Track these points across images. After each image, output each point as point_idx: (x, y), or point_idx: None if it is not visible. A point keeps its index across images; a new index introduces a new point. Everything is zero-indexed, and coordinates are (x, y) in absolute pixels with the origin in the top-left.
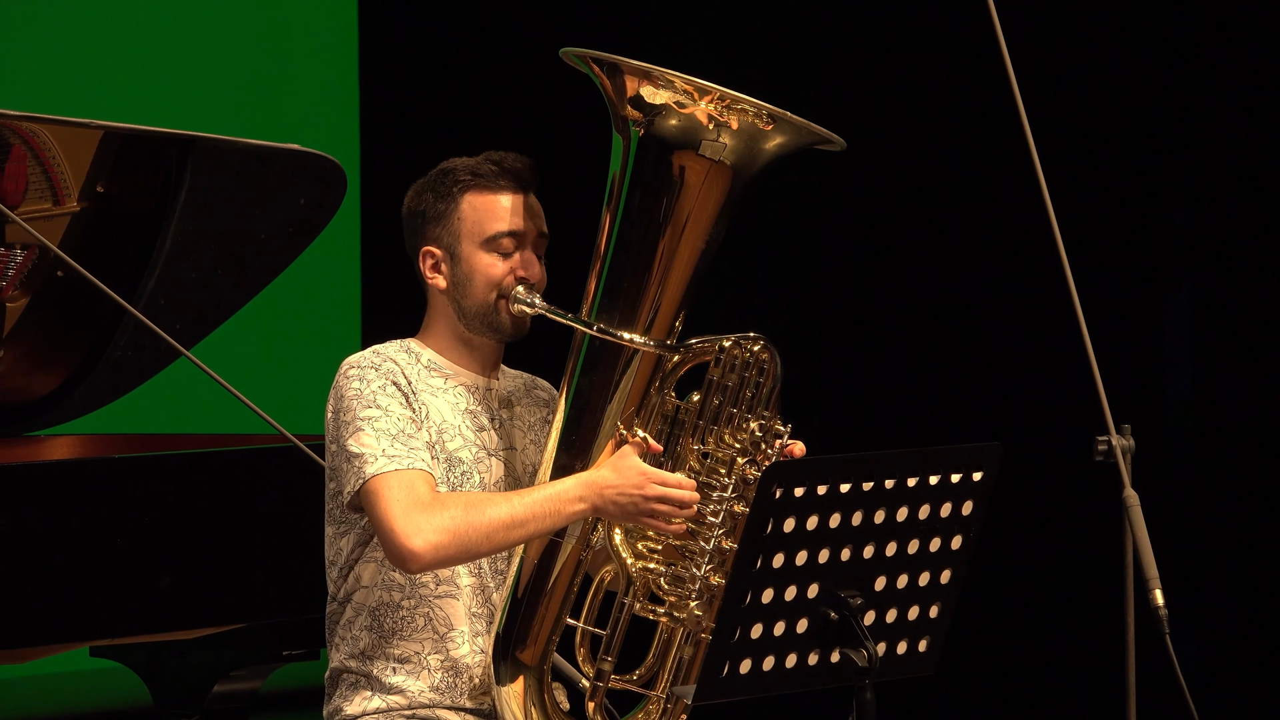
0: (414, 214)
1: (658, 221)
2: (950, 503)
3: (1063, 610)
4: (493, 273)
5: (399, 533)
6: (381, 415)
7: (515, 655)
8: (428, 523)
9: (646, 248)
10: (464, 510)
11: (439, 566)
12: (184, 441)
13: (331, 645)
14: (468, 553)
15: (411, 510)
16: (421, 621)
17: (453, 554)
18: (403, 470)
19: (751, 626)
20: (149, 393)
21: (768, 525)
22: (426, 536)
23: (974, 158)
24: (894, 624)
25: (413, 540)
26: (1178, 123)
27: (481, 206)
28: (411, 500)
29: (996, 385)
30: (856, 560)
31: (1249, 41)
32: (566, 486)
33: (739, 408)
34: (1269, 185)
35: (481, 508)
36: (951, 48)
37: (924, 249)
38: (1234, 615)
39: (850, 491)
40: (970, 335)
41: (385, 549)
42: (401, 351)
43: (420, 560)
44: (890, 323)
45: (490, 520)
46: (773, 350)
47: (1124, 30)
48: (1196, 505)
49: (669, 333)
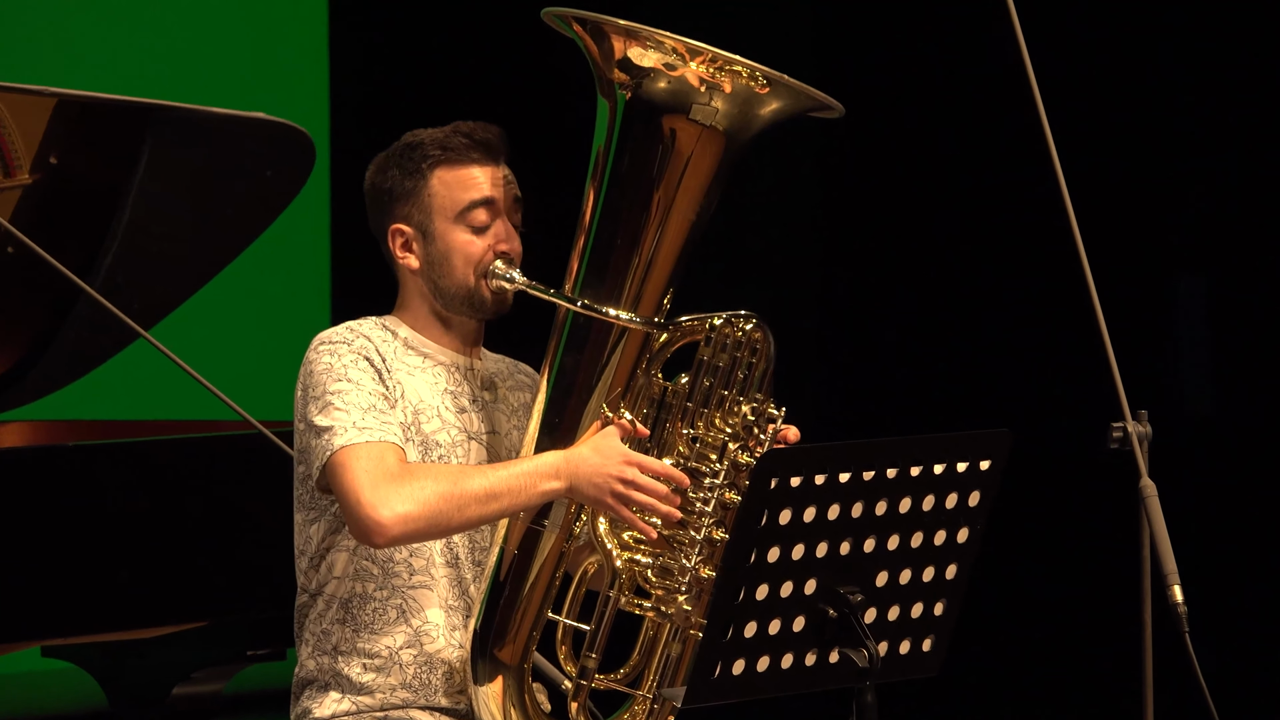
0: (379, 191)
1: (646, 191)
2: (956, 493)
3: (1075, 608)
4: (470, 250)
5: (364, 504)
6: (353, 389)
7: (494, 653)
8: (395, 493)
9: (633, 219)
10: (435, 481)
11: (408, 540)
12: (143, 428)
13: (300, 641)
14: (438, 526)
15: (379, 481)
16: (394, 614)
17: (422, 527)
18: (373, 442)
19: (745, 624)
20: (106, 376)
21: (762, 517)
22: (394, 507)
23: (983, 128)
24: (896, 622)
25: (379, 511)
26: (1192, 97)
27: (453, 181)
28: (380, 471)
29: (1005, 369)
30: (857, 554)
31: (1266, 15)
32: (543, 462)
33: (730, 390)
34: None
35: (454, 479)
36: (960, 9)
37: (929, 224)
38: (1257, 612)
39: (850, 481)
40: (977, 316)
41: (350, 523)
42: (377, 328)
43: (386, 532)
44: (892, 301)
45: (463, 492)
46: (766, 329)
47: (1137, 5)
48: (1217, 495)
49: (657, 310)
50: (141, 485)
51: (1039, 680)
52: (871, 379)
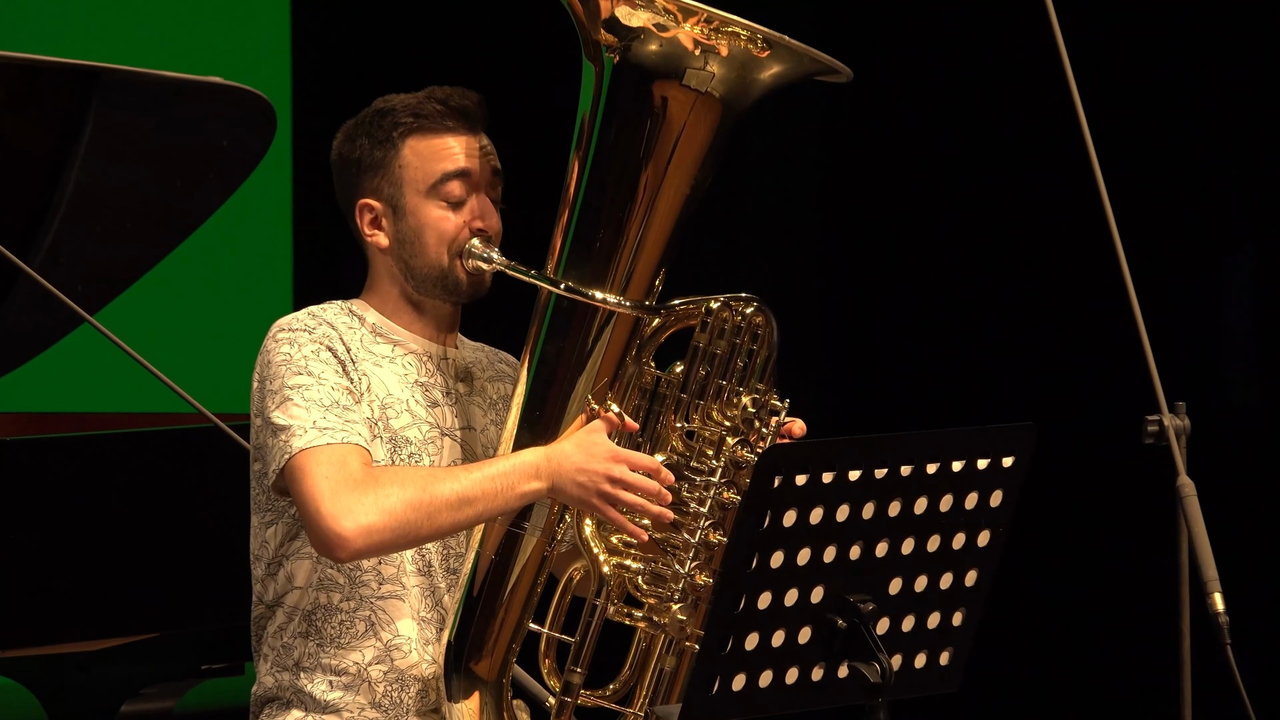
0: (347, 162)
1: (635, 163)
2: (976, 493)
3: (1106, 618)
4: (444, 227)
5: (325, 514)
6: (313, 384)
7: (470, 667)
8: (359, 503)
9: (622, 194)
10: (402, 487)
11: (373, 553)
12: (87, 421)
13: (258, 656)
14: (407, 537)
15: (341, 489)
16: (363, 627)
17: (388, 539)
18: (335, 445)
19: (745, 635)
20: (47, 364)
21: (764, 518)
22: (357, 518)
23: (1005, 91)
24: (911, 633)
25: (341, 522)
26: (1234, 58)
27: (426, 151)
28: (342, 477)
29: (1030, 357)
30: (868, 559)
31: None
32: (522, 461)
33: (729, 380)
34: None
35: (423, 484)
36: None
37: (946, 199)
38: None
39: (860, 479)
40: (999, 299)
41: (310, 535)
42: (342, 314)
43: (350, 546)
44: (906, 284)
45: (433, 498)
46: (768, 313)
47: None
48: (1262, 495)
49: (648, 292)
50: (86, 483)
51: (1066, 698)
52: (883, 368)
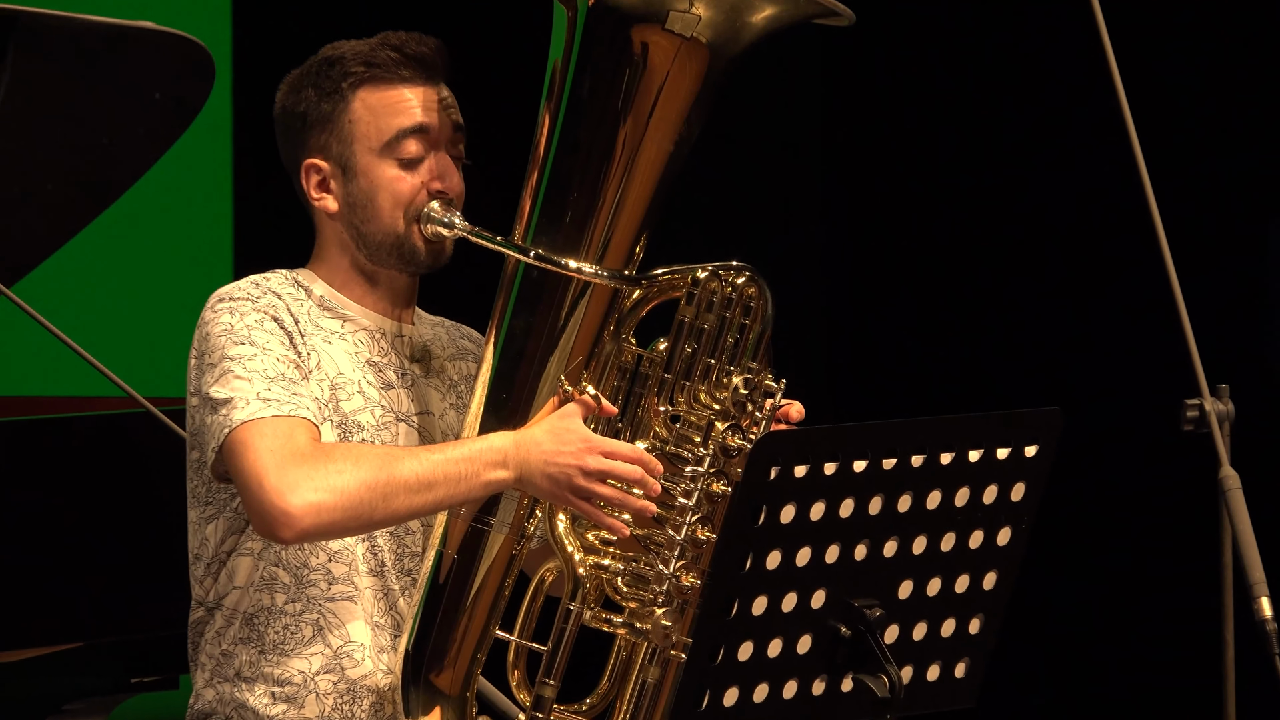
0: (291, 116)
1: (613, 117)
2: (996, 486)
3: (1141, 626)
4: (400, 189)
5: (269, 490)
6: (257, 354)
7: (430, 679)
8: (307, 478)
9: (598, 151)
10: (355, 464)
11: (321, 535)
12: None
13: (195, 666)
14: (359, 520)
15: (288, 463)
16: (310, 631)
17: (338, 519)
18: (281, 417)
19: (738, 645)
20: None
21: (759, 513)
22: (305, 494)
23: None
24: (924, 642)
25: (286, 498)
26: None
27: (379, 104)
28: (289, 450)
29: (1056, 334)
30: (875, 559)
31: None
32: (489, 446)
33: (718, 358)
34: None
35: (379, 462)
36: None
37: (962, 158)
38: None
39: (866, 471)
40: (1020, 271)
41: (251, 514)
42: (288, 284)
43: (295, 524)
44: (919, 251)
45: (390, 479)
46: (761, 283)
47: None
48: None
49: (627, 261)
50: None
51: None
52: (892, 346)
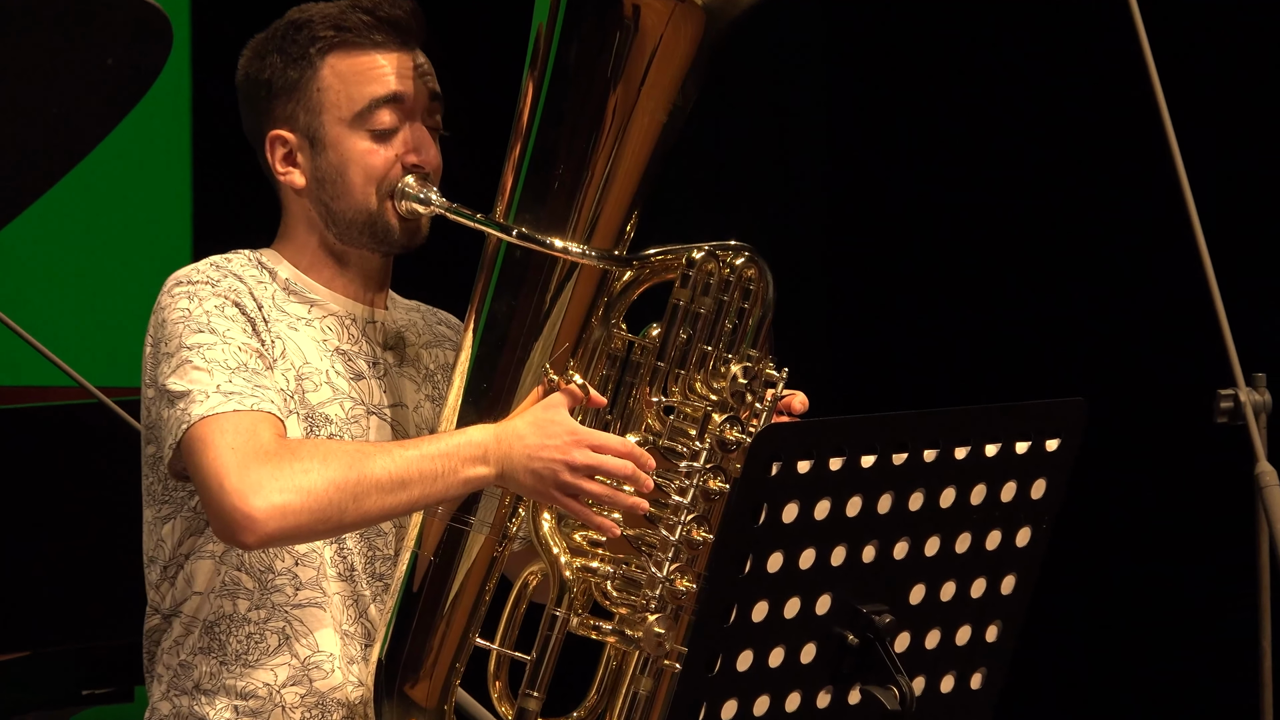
0: (255, 84)
1: (602, 85)
2: (1015, 482)
3: (1172, 630)
4: (372, 162)
5: (230, 491)
6: (217, 343)
7: (404, 691)
8: (271, 478)
9: (586, 122)
10: (323, 462)
11: (287, 540)
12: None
13: (152, 677)
14: (328, 523)
15: (250, 461)
16: (275, 641)
17: (306, 522)
18: (243, 412)
19: (737, 654)
20: None
21: (759, 512)
22: (269, 496)
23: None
24: (937, 650)
25: (249, 500)
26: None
27: (350, 71)
28: (252, 448)
29: (1081, 319)
30: (885, 561)
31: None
32: (468, 440)
33: (715, 345)
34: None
35: (350, 460)
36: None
37: (982, 123)
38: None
39: (875, 466)
40: (1044, 249)
41: (212, 517)
42: (251, 266)
43: (259, 529)
44: (931, 229)
45: (361, 477)
46: (762, 264)
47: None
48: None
49: (618, 240)
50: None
51: None
52: (903, 331)
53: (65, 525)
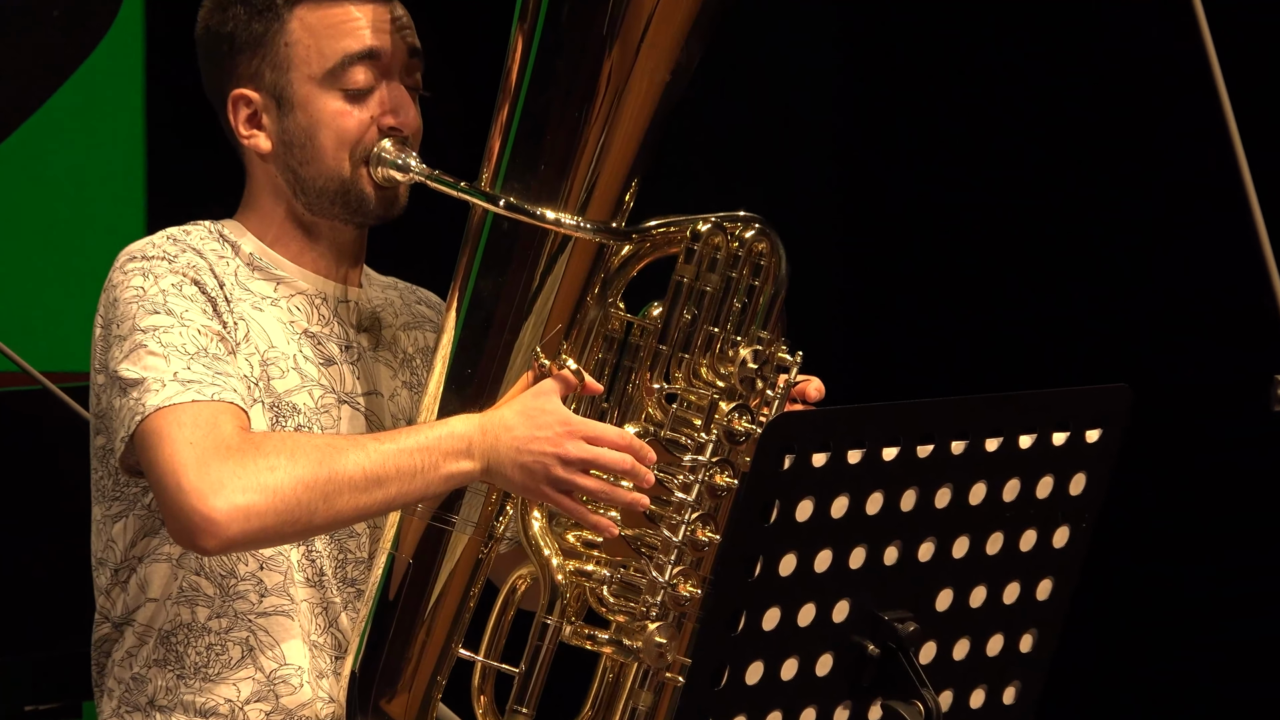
0: (216, 38)
1: (597, 43)
2: (1052, 477)
3: (1220, 632)
4: (344, 124)
5: (189, 491)
6: (175, 325)
7: (380, 706)
8: (234, 476)
9: (580, 82)
10: (291, 459)
11: (250, 544)
12: None
13: (101, 692)
14: (296, 525)
15: (211, 457)
16: (238, 652)
17: (272, 524)
18: (203, 402)
19: (746, 665)
20: None
21: (770, 510)
22: (231, 496)
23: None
24: (966, 661)
25: (209, 501)
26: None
27: (321, 24)
28: (212, 443)
29: (1125, 300)
30: (908, 564)
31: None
32: (450, 432)
33: (722, 326)
34: None
35: (319, 456)
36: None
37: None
38: None
39: (898, 459)
40: (1084, 222)
41: (169, 519)
42: (212, 239)
43: (220, 532)
44: (957, 199)
45: (333, 474)
46: (774, 237)
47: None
48: None
49: (615, 211)
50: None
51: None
52: (927, 311)
53: (4, 524)
